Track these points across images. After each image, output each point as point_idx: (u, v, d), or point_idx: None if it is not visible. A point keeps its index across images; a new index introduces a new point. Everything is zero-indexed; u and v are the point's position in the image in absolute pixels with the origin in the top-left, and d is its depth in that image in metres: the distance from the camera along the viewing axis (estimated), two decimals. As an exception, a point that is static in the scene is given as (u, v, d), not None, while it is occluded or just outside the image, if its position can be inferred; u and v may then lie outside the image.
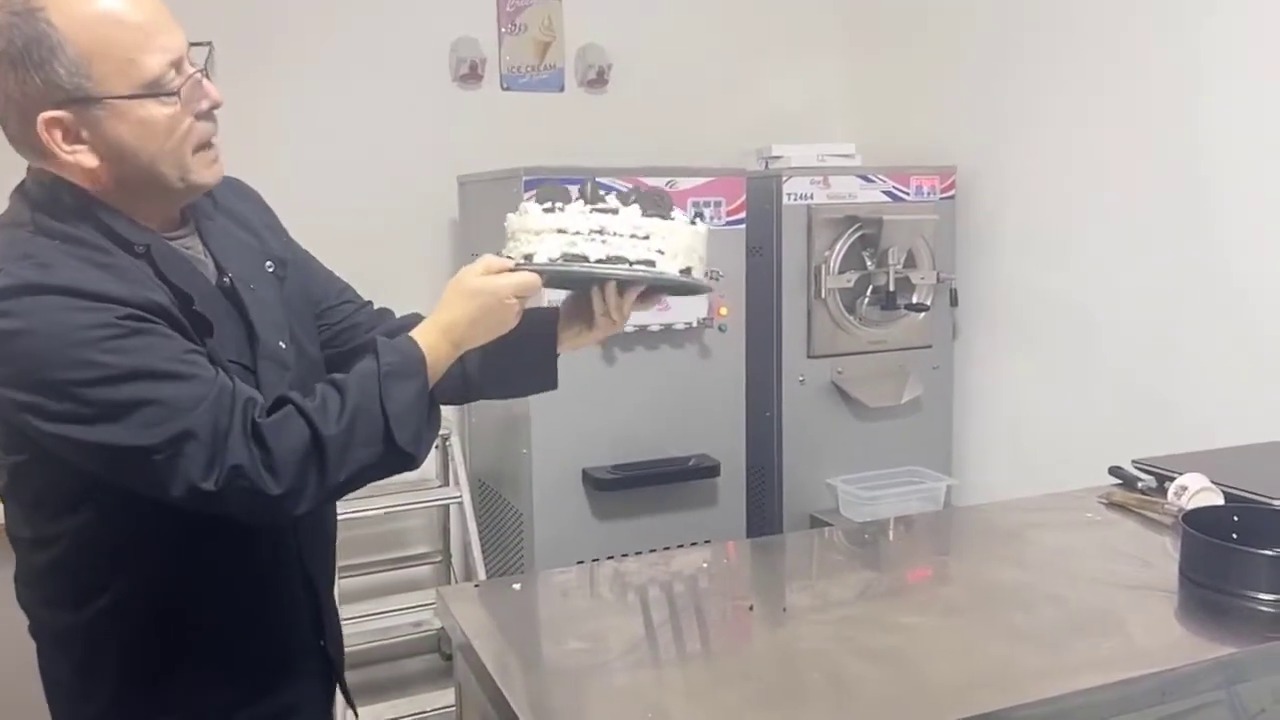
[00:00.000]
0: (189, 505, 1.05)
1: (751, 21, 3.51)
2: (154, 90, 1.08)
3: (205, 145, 1.14)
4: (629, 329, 2.59)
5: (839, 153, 3.14)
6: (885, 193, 2.95)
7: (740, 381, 2.82)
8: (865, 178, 2.94)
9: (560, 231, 1.19)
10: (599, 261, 1.19)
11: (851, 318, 2.94)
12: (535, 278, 1.20)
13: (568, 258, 1.19)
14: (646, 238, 1.18)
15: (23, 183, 1.15)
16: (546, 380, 1.36)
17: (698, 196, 2.69)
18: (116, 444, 1.03)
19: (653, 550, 2.41)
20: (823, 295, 2.88)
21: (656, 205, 1.21)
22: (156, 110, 1.09)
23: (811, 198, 2.87)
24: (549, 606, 1.54)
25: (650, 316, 2.62)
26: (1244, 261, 2.29)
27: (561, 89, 3.31)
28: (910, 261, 2.94)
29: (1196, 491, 1.70)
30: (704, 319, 2.70)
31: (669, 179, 2.66)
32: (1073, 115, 2.72)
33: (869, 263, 2.90)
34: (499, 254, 1.23)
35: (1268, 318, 2.25)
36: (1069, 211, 2.76)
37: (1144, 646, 1.31)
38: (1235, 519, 1.55)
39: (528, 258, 1.20)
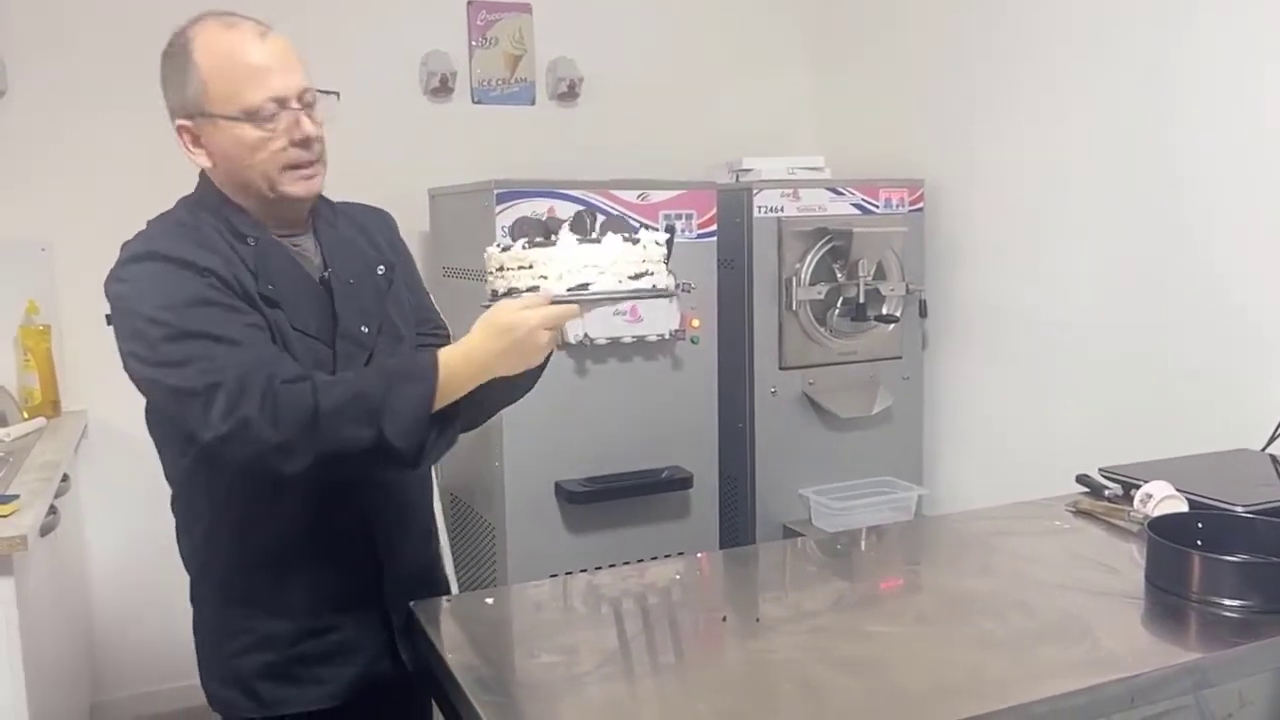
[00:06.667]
0: (212, 449, 1.25)
1: (721, 36, 3.53)
2: (250, 117, 1.34)
3: (296, 166, 1.37)
4: (601, 342, 2.62)
5: (808, 165, 3.17)
6: (854, 205, 2.98)
7: (712, 393, 2.83)
8: (835, 190, 2.96)
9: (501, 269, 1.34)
10: (505, 293, 1.33)
11: (822, 329, 2.96)
12: (566, 309, 1.29)
13: (495, 293, 1.34)
14: (530, 267, 1.31)
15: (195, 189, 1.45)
16: (531, 383, 1.48)
17: (670, 209, 2.70)
18: (170, 384, 1.27)
19: (626, 563, 2.40)
20: (794, 307, 2.90)
21: (546, 234, 1.33)
22: (251, 132, 1.34)
23: (782, 210, 2.89)
24: (522, 620, 1.54)
25: (622, 328, 2.62)
26: (1211, 270, 2.33)
27: (532, 102, 3.32)
28: (880, 273, 2.97)
29: (1161, 499, 1.72)
30: (676, 331, 2.70)
31: (641, 192, 2.67)
32: (1039, 127, 2.76)
33: (839, 274, 2.92)
34: (486, 284, 1.37)
35: (1233, 326, 2.29)
36: (1036, 222, 2.80)
37: (1111, 653, 1.32)
38: (1199, 526, 1.56)
39: (533, 289, 1.31)
